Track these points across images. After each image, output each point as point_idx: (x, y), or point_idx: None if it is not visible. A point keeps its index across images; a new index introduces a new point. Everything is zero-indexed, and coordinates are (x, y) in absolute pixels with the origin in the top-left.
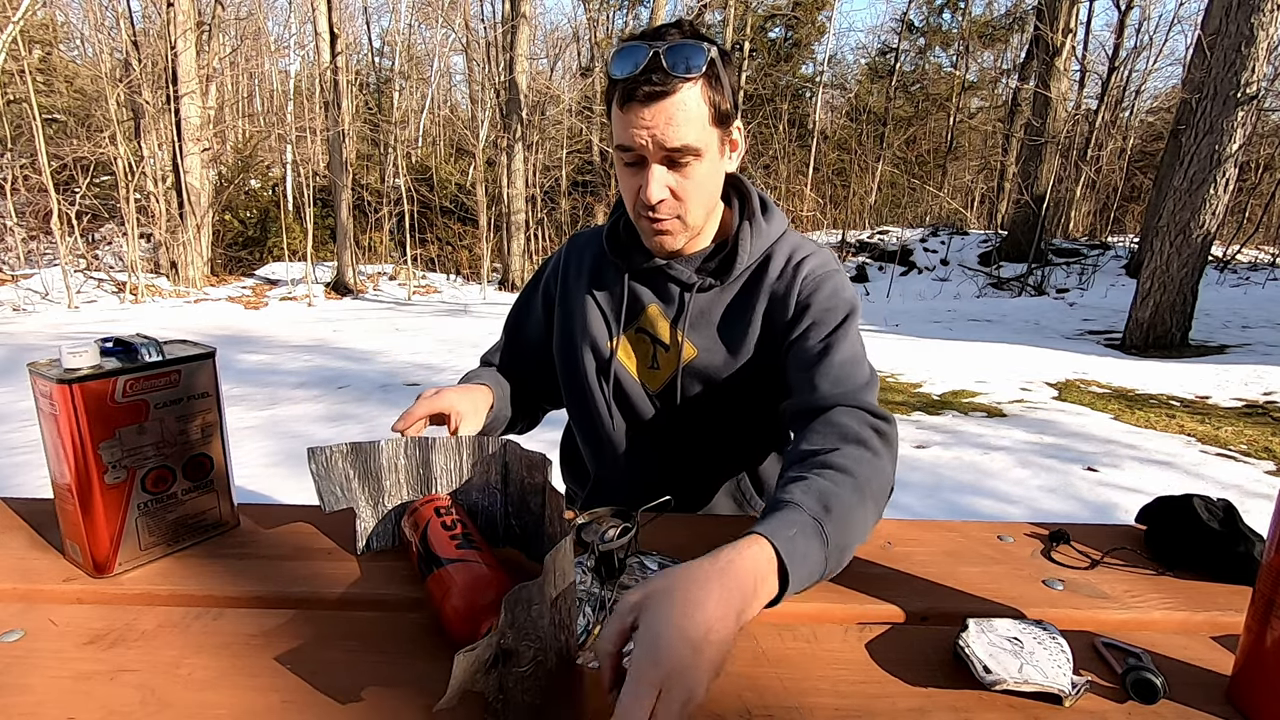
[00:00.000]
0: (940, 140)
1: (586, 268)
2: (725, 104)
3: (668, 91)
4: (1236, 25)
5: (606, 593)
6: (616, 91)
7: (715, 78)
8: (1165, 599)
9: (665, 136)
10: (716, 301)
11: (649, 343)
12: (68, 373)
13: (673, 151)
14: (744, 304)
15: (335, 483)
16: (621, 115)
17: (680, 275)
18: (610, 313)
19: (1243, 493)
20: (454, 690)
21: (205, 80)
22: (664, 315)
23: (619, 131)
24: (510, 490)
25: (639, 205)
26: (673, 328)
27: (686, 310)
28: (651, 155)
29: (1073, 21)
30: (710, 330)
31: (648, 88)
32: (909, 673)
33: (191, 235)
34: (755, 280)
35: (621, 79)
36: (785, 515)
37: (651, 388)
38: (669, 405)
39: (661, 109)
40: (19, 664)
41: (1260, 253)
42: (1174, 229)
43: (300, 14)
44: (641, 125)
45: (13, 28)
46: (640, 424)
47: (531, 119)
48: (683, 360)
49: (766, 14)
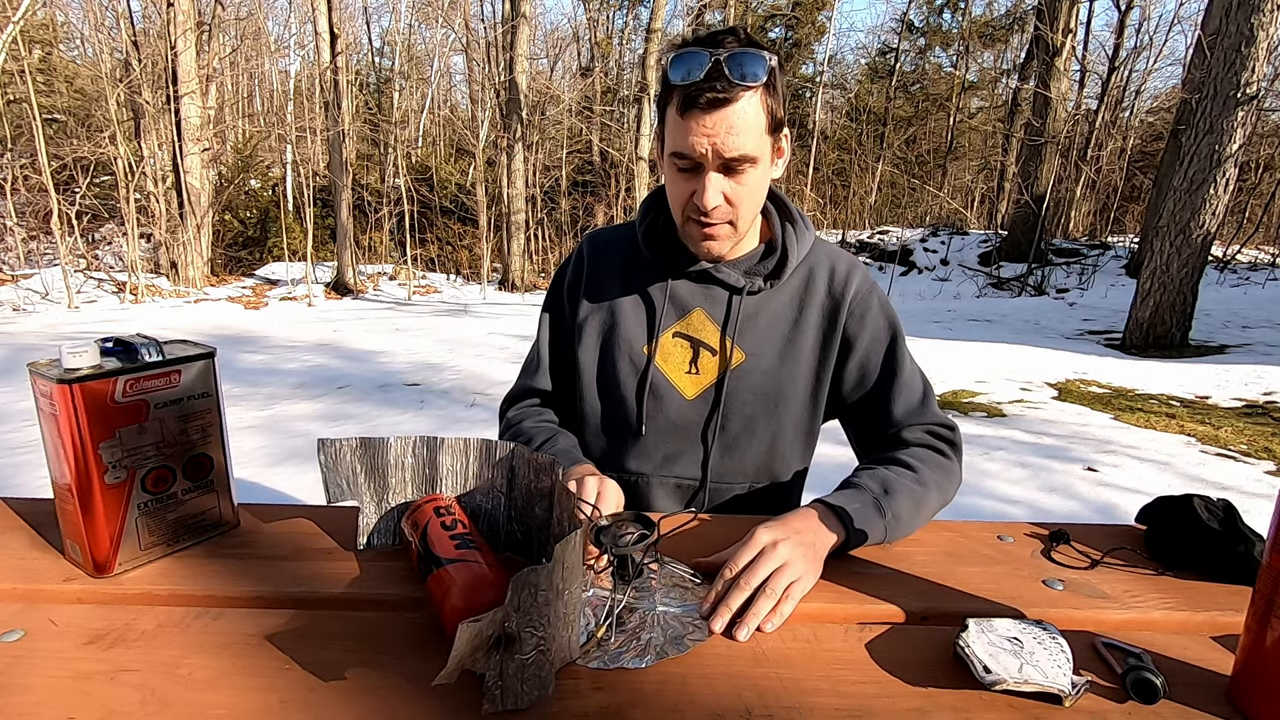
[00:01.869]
0: (940, 140)
1: (616, 268)
2: (780, 112)
3: (730, 99)
4: (1236, 25)
5: (618, 596)
6: (676, 97)
7: (773, 86)
8: (1165, 599)
9: (725, 145)
10: (764, 307)
11: (690, 346)
12: (68, 373)
13: (731, 160)
14: (795, 311)
15: (342, 476)
16: (681, 121)
17: (729, 279)
18: (647, 315)
19: (1243, 493)
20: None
21: (205, 80)
22: (711, 319)
23: (676, 137)
24: (515, 495)
25: (689, 210)
26: (722, 332)
27: (736, 314)
28: (709, 163)
29: (1073, 21)
30: (758, 336)
31: (710, 94)
32: (909, 673)
33: (191, 235)
34: (805, 288)
35: (683, 85)
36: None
37: (687, 394)
38: (705, 410)
39: (723, 117)
40: (19, 664)
41: (1260, 253)
42: (1174, 229)
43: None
44: (702, 133)
45: (13, 28)
46: (671, 429)
47: (531, 119)
48: (731, 365)
49: (766, 14)
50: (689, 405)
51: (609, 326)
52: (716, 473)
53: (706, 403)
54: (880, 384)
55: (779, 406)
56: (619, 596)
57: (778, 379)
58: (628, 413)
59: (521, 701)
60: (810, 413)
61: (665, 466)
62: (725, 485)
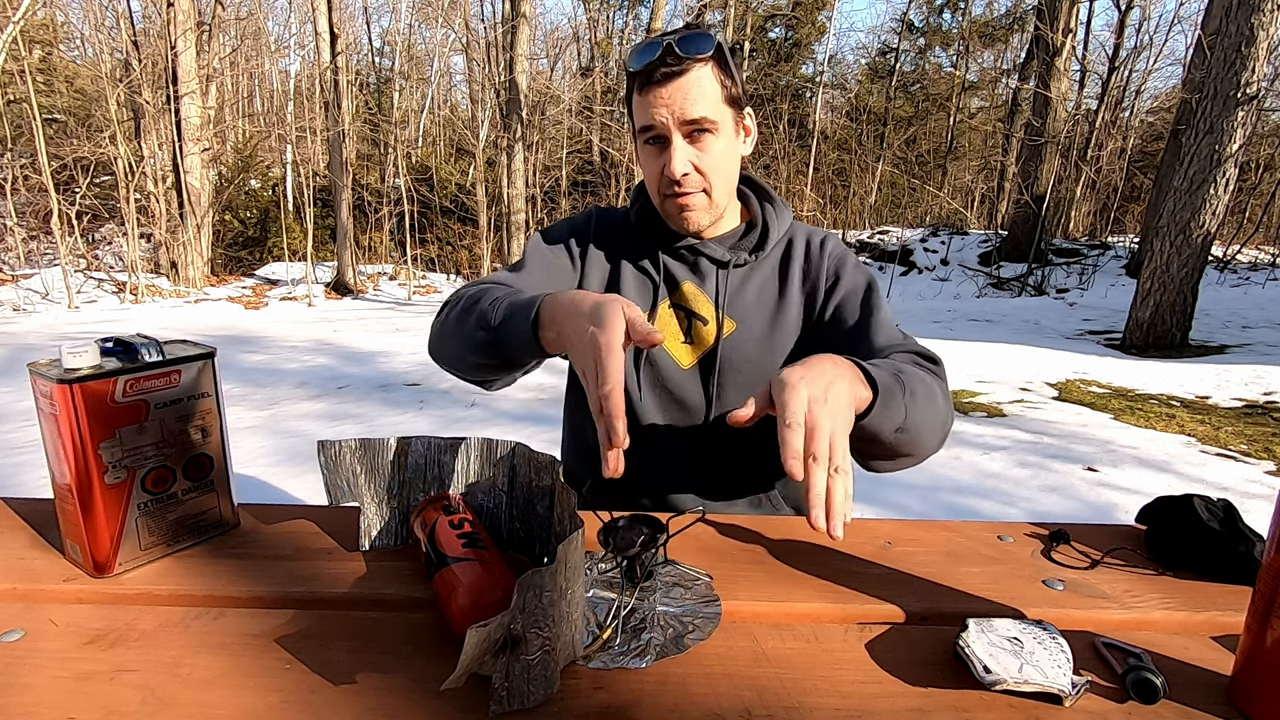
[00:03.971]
0: (940, 140)
1: (618, 241)
2: (735, 89)
3: (682, 70)
4: (1236, 25)
5: (625, 598)
6: (635, 82)
7: (724, 63)
8: (1165, 599)
9: (683, 110)
10: (748, 279)
11: (684, 317)
12: (68, 373)
13: (691, 124)
14: (778, 281)
15: (342, 477)
16: (641, 99)
17: (714, 253)
18: (648, 286)
19: (1243, 493)
20: (463, 668)
21: (205, 80)
22: (701, 290)
23: (640, 115)
24: (516, 493)
25: (663, 185)
26: (715, 302)
27: (725, 287)
28: (672, 130)
29: (1073, 21)
30: (746, 306)
31: (664, 69)
32: (909, 673)
33: (191, 235)
34: (785, 260)
35: (640, 69)
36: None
37: (683, 363)
38: (700, 379)
39: (678, 86)
40: (19, 664)
41: (1260, 253)
42: (1174, 229)
43: (300, 14)
44: (660, 103)
45: (13, 28)
46: (668, 398)
47: (531, 119)
48: (724, 334)
49: (766, 14)
50: (685, 374)
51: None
52: (707, 442)
53: (699, 373)
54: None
55: (767, 371)
56: (626, 598)
57: (769, 347)
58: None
59: (528, 701)
60: None
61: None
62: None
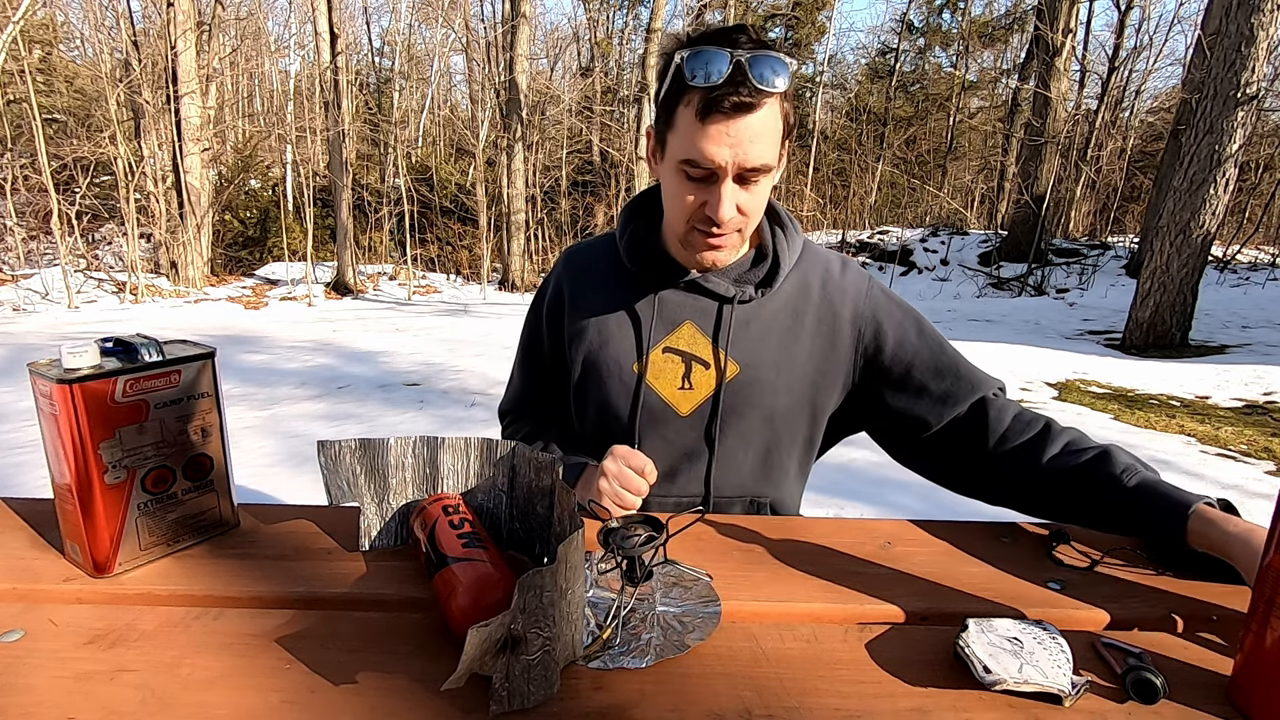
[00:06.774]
0: (940, 140)
1: (598, 285)
2: (794, 116)
3: (754, 105)
4: (1236, 25)
5: (624, 598)
6: (694, 100)
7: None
8: (1165, 599)
9: (747, 156)
10: (755, 316)
11: (681, 361)
12: (68, 373)
13: (749, 171)
14: (789, 319)
15: (342, 477)
16: (700, 127)
17: (718, 288)
18: (635, 331)
19: (1243, 493)
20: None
21: (205, 80)
22: (702, 332)
23: (690, 143)
24: (516, 493)
25: (696, 220)
26: (714, 344)
27: (728, 325)
28: (726, 173)
29: (1073, 21)
30: (752, 346)
31: (735, 99)
32: (909, 673)
33: (191, 235)
34: (799, 294)
35: (704, 87)
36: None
37: (681, 410)
38: (700, 427)
39: (747, 125)
40: (19, 664)
41: (1260, 253)
42: (1174, 229)
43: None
44: (725, 141)
45: (13, 28)
46: (667, 447)
47: (531, 119)
48: (726, 378)
49: (766, 14)
50: (685, 422)
51: (596, 347)
52: (717, 487)
53: (703, 419)
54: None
55: (775, 418)
56: (625, 599)
57: (774, 390)
58: (622, 436)
59: (529, 701)
60: (810, 422)
61: (664, 486)
62: (726, 499)
